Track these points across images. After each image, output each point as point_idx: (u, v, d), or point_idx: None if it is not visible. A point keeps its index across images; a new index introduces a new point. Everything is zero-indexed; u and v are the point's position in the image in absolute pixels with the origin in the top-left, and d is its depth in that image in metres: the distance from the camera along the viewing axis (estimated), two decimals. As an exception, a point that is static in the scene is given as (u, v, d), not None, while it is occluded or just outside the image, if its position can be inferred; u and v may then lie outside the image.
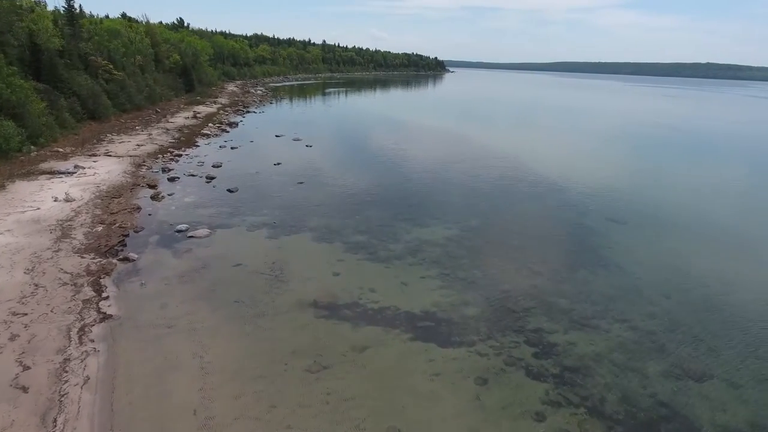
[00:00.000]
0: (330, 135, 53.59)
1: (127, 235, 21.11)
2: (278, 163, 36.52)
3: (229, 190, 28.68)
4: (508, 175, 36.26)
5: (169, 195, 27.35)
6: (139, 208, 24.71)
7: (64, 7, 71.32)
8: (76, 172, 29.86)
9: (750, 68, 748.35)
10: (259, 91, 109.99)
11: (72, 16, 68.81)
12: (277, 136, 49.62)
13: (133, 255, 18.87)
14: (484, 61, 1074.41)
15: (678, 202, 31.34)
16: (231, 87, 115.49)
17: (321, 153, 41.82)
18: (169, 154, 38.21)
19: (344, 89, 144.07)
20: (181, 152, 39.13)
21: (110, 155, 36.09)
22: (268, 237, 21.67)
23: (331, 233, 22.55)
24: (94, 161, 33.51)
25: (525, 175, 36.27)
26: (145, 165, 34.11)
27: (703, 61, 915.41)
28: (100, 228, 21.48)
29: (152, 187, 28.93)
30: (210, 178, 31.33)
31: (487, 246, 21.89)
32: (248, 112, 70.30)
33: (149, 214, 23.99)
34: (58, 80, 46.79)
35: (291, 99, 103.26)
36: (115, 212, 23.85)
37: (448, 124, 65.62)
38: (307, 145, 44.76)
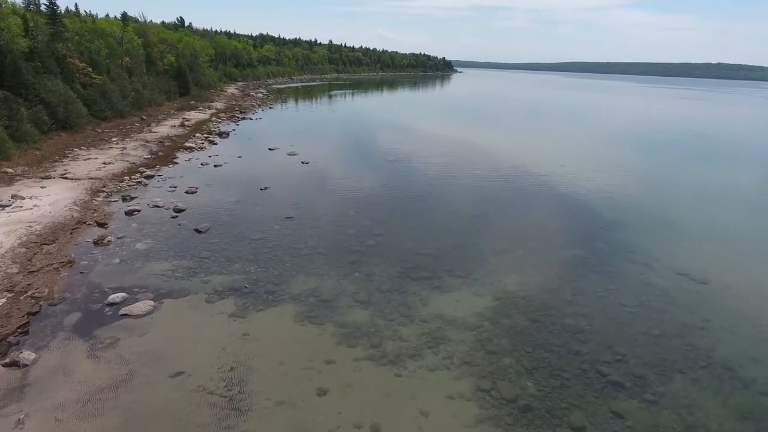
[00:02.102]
0: (330, 148, 47.59)
1: (36, 313, 15.23)
2: (266, 188, 30.59)
3: (198, 230, 22.75)
4: (547, 206, 30.05)
5: (118, 238, 21.47)
6: (71, 262, 18.85)
7: (45, 4, 66.37)
8: (10, 205, 24.09)
9: (762, 69, 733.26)
10: (259, 94, 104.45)
11: (54, 15, 63.71)
12: (270, 149, 43.73)
13: (27, 355, 12.97)
14: (492, 61, 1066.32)
15: None
16: (231, 89, 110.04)
17: (318, 173, 35.83)
18: (138, 174, 32.41)
19: (350, 91, 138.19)
20: (153, 172, 33.32)
21: (66, 177, 30.36)
22: (232, 315, 15.68)
23: (320, 306, 16.53)
24: (42, 187, 27.76)
25: (566, 205, 30.05)
26: (104, 191, 28.31)
27: (714, 61, 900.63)
28: (2, 300, 15.62)
29: (101, 225, 23.09)
30: (178, 212, 25.45)
31: (534, 329, 15.75)
32: (244, 118, 64.54)
33: (81, 272, 18.10)
34: (23, 86, 41.29)
35: (293, 102, 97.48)
36: (37, 270, 18.00)
37: (466, 134, 59.33)
38: (303, 162, 38.81)
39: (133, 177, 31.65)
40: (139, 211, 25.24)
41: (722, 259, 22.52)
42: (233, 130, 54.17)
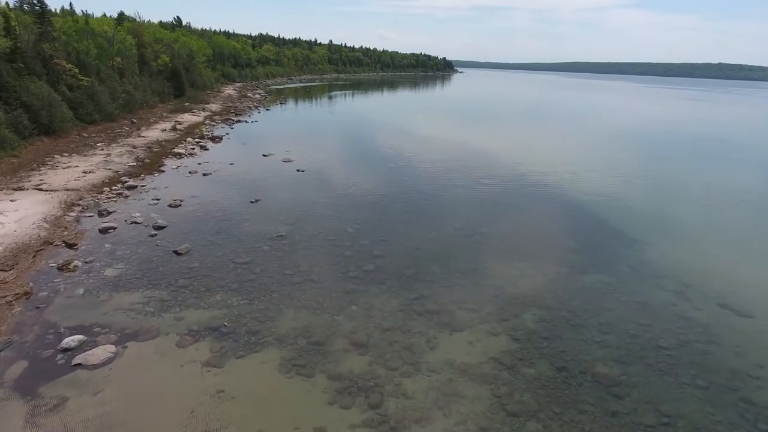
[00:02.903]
0: (328, 153, 45.22)
1: (-26, 363, 12.89)
2: (256, 200, 28.27)
3: (177, 252, 20.42)
4: (562, 222, 27.74)
5: (86, 263, 19.14)
6: (28, 294, 16.53)
7: (34, 2, 64.21)
8: (-29, 223, 21.77)
9: (763, 69, 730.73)
10: (257, 95, 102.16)
11: (43, 14, 61.61)
12: (264, 155, 41.42)
13: (-51, 425, 10.66)
14: (493, 61, 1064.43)
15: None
16: (228, 90, 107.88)
17: (314, 182, 33.49)
18: (120, 185, 30.09)
19: (350, 91, 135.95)
20: (137, 182, 31.01)
21: (41, 189, 28.05)
22: (206, 364, 13.34)
23: (311, 350, 14.20)
24: (12, 200, 25.45)
25: (582, 220, 27.74)
26: (79, 205, 25.99)
27: (715, 61, 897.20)
28: (-64, 346, 13.29)
29: (70, 246, 20.76)
30: (158, 229, 23.11)
31: (561, 381, 13.40)
32: (239, 121, 62.21)
33: (37, 307, 15.77)
34: (2, 88, 39.06)
35: (291, 104, 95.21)
36: (-14, 304, 15.67)
37: (472, 139, 56.99)
38: (298, 170, 36.50)
39: (113, 188, 29.33)
40: (114, 228, 22.91)
41: (765, 286, 20.17)
42: (227, 134, 51.84)
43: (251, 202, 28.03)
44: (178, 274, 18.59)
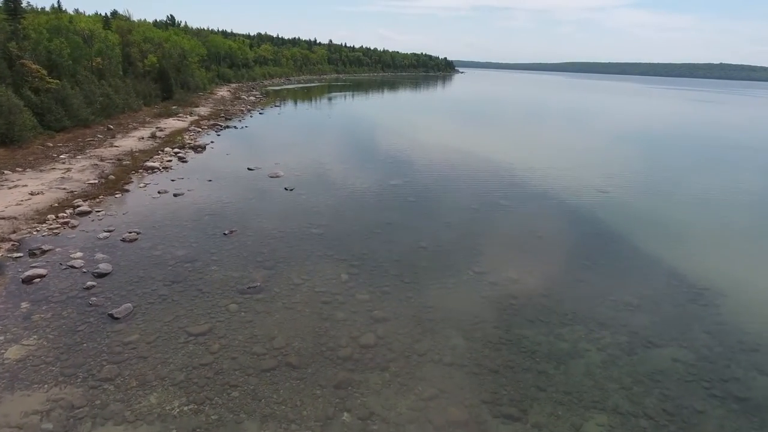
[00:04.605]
0: (321, 166, 40.11)
1: None
2: (231, 231, 23.28)
3: (113, 317, 15.43)
4: (607, 265, 22.70)
5: (-14, 336, 14.17)
6: None
7: (6, -2, 59.50)
8: None
9: (765, 69, 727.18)
10: (252, 97, 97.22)
11: (15, 10, 56.94)
12: (249, 169, 36.45)
13: None
14: (494, 61, 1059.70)
15: None
16: (222, 92, 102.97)
17: (304, 205, 28.50)
18: (70, 210, 25.10)
19: (350, 93, 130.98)
20: (91, 206, 26.04)
21: (-31, 217, 23.07)
22: None
23: None
24: (-76, 236, 20.48)
25: (631, 263, 22.71)
26: (10, 240, 21.00)
27: (716, 61, 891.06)
28: None
29: (-25, 306, 15.78)
30: (98, 276, 18.13)
31: None
32: (227, 126, 57.27)
33: None
34: (-51, 93, 34.23)
35: (286, 106, 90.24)
36: None
37: (482, 146, 51.95)
38: (286, 188, 31.53)
39: (60, 215, 24.33)
40: (42, 276, 17.93)
41: None
42: (212, 141, 46.87)
43: (225, 234, 23.03)
44: (106, 354, 13.61)
